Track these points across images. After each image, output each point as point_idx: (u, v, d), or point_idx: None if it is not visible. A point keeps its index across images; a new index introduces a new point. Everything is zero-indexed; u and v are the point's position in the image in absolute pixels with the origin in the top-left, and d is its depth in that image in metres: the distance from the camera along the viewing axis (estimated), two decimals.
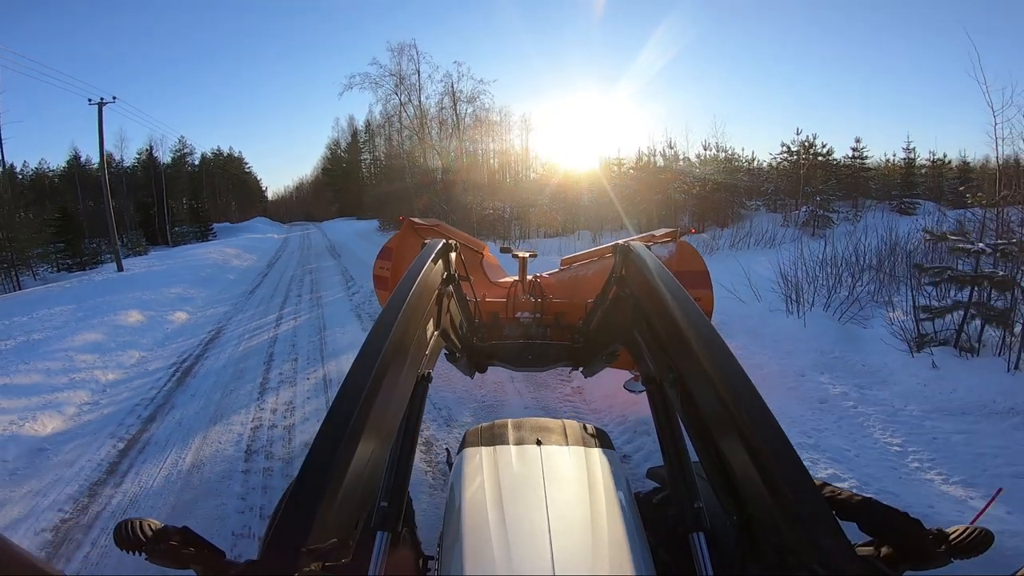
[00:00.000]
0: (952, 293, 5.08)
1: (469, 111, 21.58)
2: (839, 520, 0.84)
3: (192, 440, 3.88)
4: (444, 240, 2.09)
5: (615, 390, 3.86)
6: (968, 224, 5.90)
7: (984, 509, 2.23)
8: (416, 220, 3.80)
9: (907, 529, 0.87)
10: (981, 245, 4.30)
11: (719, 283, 7.23)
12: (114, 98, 16.27)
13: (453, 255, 2.13)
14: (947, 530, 0.84)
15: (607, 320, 2.27)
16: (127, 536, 0.78)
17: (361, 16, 73.11)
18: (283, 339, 6.65)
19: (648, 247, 2.37)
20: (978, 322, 4.45)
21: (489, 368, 3.01)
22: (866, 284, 6.78)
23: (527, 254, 3.23)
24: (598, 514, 1.07)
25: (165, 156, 39.33)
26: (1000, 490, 2.32)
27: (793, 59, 66.65)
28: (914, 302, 4.77)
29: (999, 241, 4.30)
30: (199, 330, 7.55)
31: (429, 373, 1.61)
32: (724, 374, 1.04)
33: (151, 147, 37.11)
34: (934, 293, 5.42)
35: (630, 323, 1.83)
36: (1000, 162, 5.16)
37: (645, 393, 1.53)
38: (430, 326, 1.78)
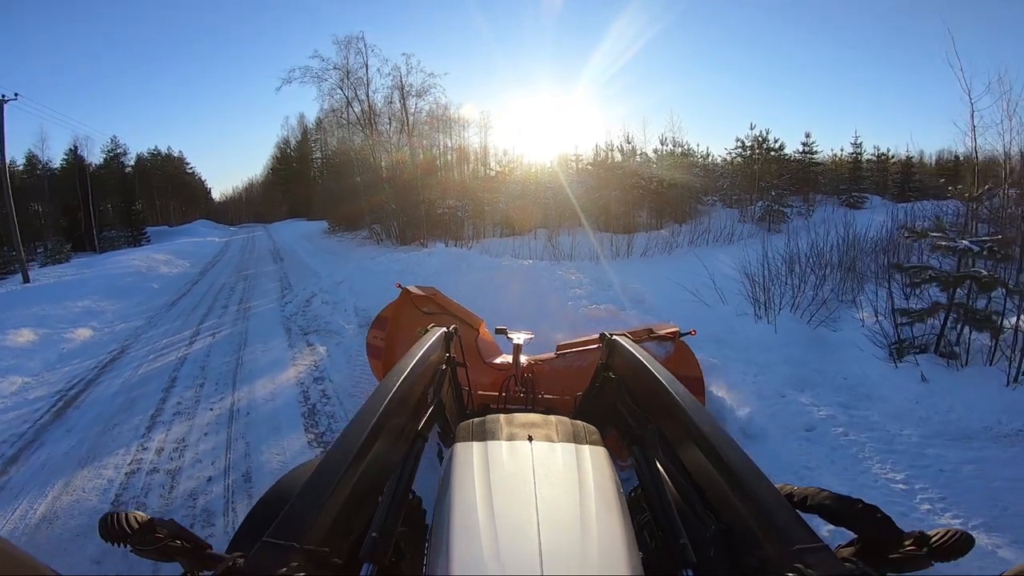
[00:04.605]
0: (928, 294, 4.74)
1: (422, 107, 20.58)
2: (800, 514, 0.91)
3: (49, 489, 3.11)
4: (446, 329, 2.33)
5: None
6: (944, 218, 5.62)
7: None
8: (412, 290, 3.64)
9: (868, 516, 0.89)
10: (965, 243, 3.92)
11: (680, 285, 6.87)
12: (16, 95, 14.57)
13: (453, 342, 2.42)
14: (928, 533, 0.85)
15: (594, 407, 2.28)
16: (113, 528, 0.79)
17: (313, 13, 70.80)
18: (193, 360, 5.74)
19: (643, 341, 2.73)
20: (959, 326, 4.10)
21: None
22: (830, 282, 6.48)
23: (523, 339, 3.01)
24: (587, 511, 1.07)
25: (95, 157, 36.49)
26: None
27: (748, 55, 68.74)
28: (892, 305, 4.38)
29: (986, 238, 3.93)
30: (100, 349, 6.57)
31: (426, 433, 1.64)
32: (693, 416, 1.24)
33: (75, 147, 34.20)
34: (900, 294, 5.08)
35: (615, 400, 1.90)
36: (977, 154, 4.83)
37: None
38: (429, 397, 1.87)
